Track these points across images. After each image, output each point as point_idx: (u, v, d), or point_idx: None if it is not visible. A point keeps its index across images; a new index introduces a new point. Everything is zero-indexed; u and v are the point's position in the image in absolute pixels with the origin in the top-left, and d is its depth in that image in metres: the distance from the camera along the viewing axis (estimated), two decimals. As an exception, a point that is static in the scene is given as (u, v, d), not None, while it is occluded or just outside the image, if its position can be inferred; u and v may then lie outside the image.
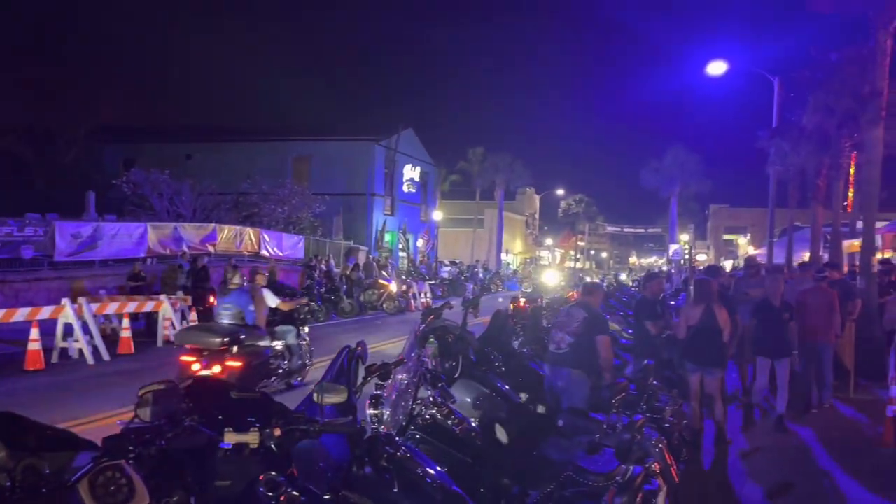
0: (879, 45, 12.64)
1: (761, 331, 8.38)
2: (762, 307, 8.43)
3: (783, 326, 8.24)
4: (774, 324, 8.22)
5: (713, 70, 22.57)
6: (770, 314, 8.27)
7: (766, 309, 8.35)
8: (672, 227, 48.65)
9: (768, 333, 8.28)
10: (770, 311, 8.28)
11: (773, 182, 24.11)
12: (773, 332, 8.22)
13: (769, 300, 8.37)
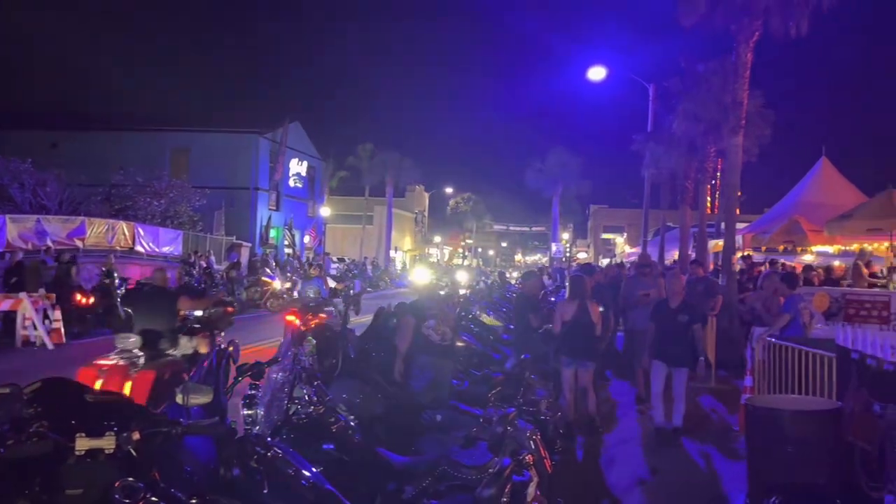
0: (741, 58, 13.59)
1: (658, 334, 7.70)
2: (659, 309, 7.87)
3: (683, 330, 7.50)
4: (672, 327, 7.54)
5: (594, 75, 23.56)
6: (667, 316, 7.66)
7: (663, 311, 7.77)
8: (554, 226, 50.30)
9: (666, 337, 7.61)
10: (667, 314, 7.68)
11: (648, 184, 25.41)
12: (671, 336, 7.54)
13: (667, 301, 7.83)
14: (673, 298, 7.72)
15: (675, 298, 7.69)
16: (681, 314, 7.50)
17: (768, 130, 17.95)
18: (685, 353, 7.46)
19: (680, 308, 7.58)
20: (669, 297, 7.81)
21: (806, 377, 6.63)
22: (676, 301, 7.65)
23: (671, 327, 7.51)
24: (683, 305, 7.63)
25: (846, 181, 20.15)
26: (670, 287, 7.91)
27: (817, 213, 16.88)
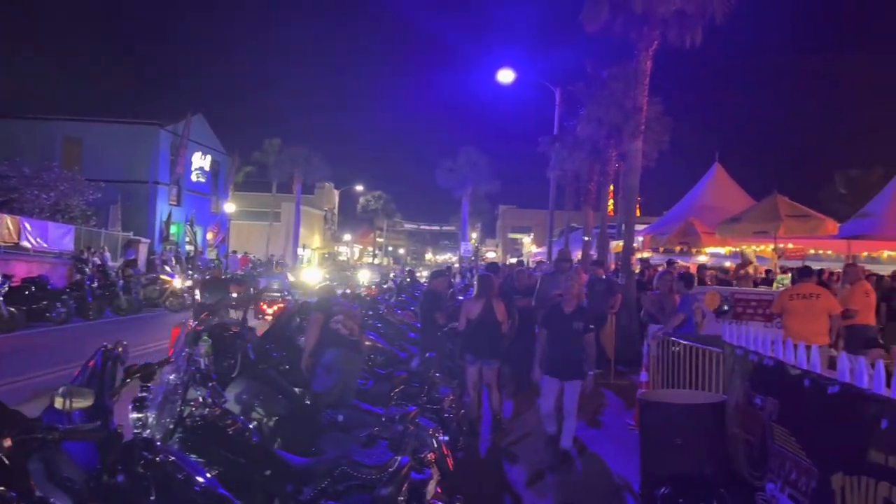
0: (641, 65, 14.13)
1: (549, 344, 6.93)
2: (552, 314, 7.05)
3: (577, 339, 6.79)
4: (566, 335, 6.78)
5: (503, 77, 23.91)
6: (561, 323, 6.85)
7: (557, 317, 6.93)
8: (464, 225, 50.81)
9: (558, 347, 6.82)
10: (561, 320, 6.87)
11: (554, 185, 26.06)
12: (563, 345, 6.79)
13: (560, 306, 6.99)
14: (567, 303, 6.87)
15: (570, 303, 6.87)
16: (575, 321, 6.75)
17: (666, 136, 18.76)
18: (578, 365, 6.74)
19: (575, 314, 6.82)
20: (563, 301, 6.93)
21: (697, 372, 6.95)
22: (571, 306, 6.85)
23: (564, 335, 6.75)
24: (579, 311, 6.87)
25: (737, 186, 21.31)
26: (565, 290, 6.97)
27: (710, 217, 17.76)
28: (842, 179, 41.51)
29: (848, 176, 41.23)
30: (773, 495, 4.62)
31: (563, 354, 6.79)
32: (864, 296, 9.85)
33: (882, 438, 3.50)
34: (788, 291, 9.06)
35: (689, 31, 13.93)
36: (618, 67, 17.36)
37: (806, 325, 8.33)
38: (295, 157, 45.91)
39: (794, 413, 4.50)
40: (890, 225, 15.32)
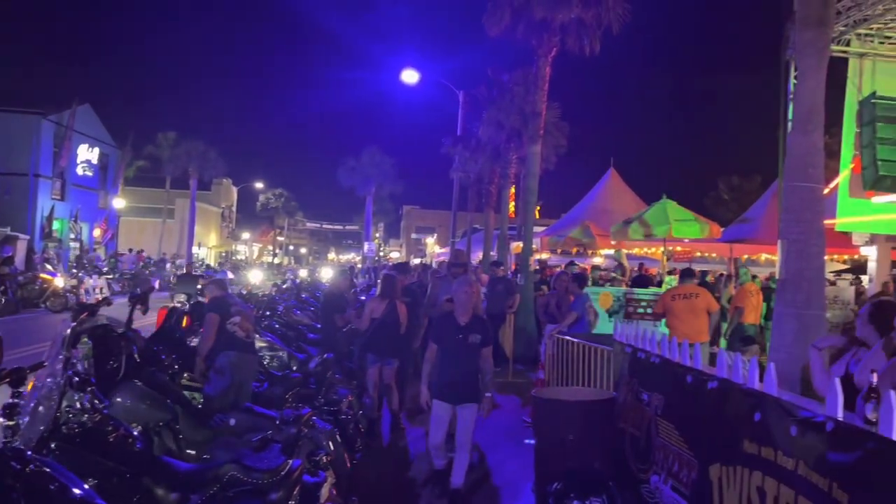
0: (541, 71, 14.50)
1: (441, 362, 5.79)
2: (443, 326, 5.86)
3: (473, 355, 5.70)
4: (460, 351, 5.67)
5: (407, 78, 23.93)
6: (454, 337, 5.71)
7: (450, 329, 5.76)
8: (367, 225, 50.55)
9: (451, 366, 5.70)
10: (454, 333, 5.72)
11: (457, 187, 26.31)
12: (457, 363, 5.68)
13: (452, 316, 5.82)
14: (462, 313, 5.74)
15: (464, 314, 5.74)
16: (472, 333, 5.67)
17: (564, 141, 19.32)
18: (474, 386, 5.70)
19: (471, 326, 5.72)
20: (457, 310, 5.78)
21: (589, 370, 7.18)
22: (466, 316, 5.74)
23: (458, 351, 5.66)
24: (475, 322, 5.78)
25: (630, 190, 22.21)
26: (458, 298, 5.78)
27: (605, 219, 18.42)
28: (725, 186, 44.03)
29: (730, 183, 43.78)
30: (657, 487, 4.82)
31: (456, 374, 5.65)
32: (750, 296, 10.48)
33: (755, 430, 3.71)
34: (671, 292, 9.50)
35: (587, 39, 14.41)
36: (519, 72, 17.74)
37: (687, 324, 8.78)
38: (191, 152, 44.23)
39: (678, 408, 4.71)
40: (767, 230, 16.36)
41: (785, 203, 5.30)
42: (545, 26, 14.10)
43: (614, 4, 14.14)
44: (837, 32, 11.10)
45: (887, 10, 10.63)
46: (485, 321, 6.05)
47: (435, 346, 5.85)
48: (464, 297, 5.74)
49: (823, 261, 5.35)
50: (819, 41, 5.18)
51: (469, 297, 5.75)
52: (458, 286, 5.81)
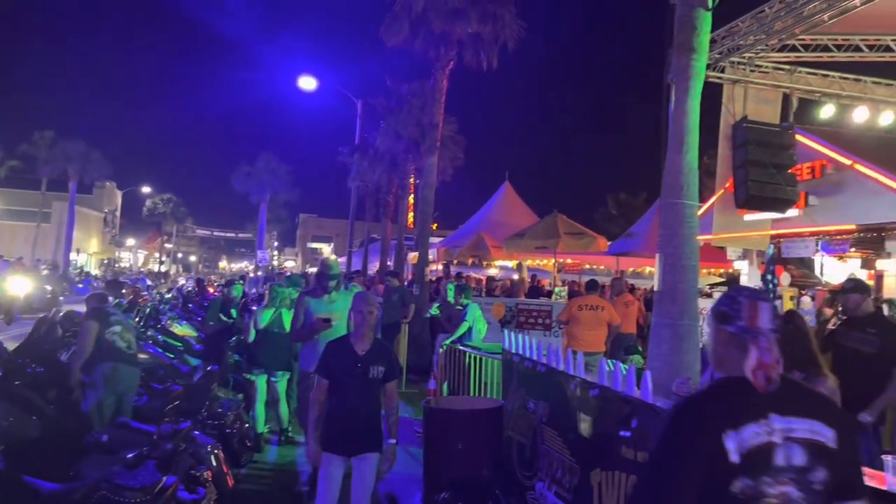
0: (438, 83, 14.66)
1: (331, 405, 4.47)
2: (337, 355, 4.49)
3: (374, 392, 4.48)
4: (358, 388, 4.43)
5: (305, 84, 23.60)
6: (351, 369, 4.41)
7: (345, 359, 4.45)
8: (261, 233, 49.24)
9: (344, 411, 4.42)
10: (351, 364, 4.42)
11: (354, 196, 26.12)
12: (354, 401, 4.42)
13: (347, 343, 4.51)
14: (359, 340, 4.49)
15: (363, 339, 4.50)
16: (374, 364, 4.44)
17: (461, 154, 19.59)
18: (376, 431, 4.50)
19: (371, 354, 4.46)
20: (353, 335, 4.54)
21: (480, 379, 7.28)
22: (365, 343, 4.49)
23: (357, 388, 4.42)
24: (377, 350, 4.52)
25: (523, 203, 22.80)
26: (355, 320, 4.53)
27: (499, 231, 18.82)
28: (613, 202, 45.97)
29: (618, 199, 45.75)
30: (542, 493, 4.94)
31: (353, 418, 4.41)
32: (625, 307, 10.94)
33: (632, 436, 3.87)
34: (577, 302, 9.78)
35: (485, 54, 14.70)
36: (417, 83, 17.88)
37: (589, 333, 9.12)
38: (70, 153, 41.75)
39: (562, 415, 4.85)
40: (652, 244, 17.19)
41: (662, 219, 5.58)
42: (443, 40, 14.29)
43: (510, 21, 14.51)
44: (713, 59, 11.85)
45: (757, 40, 11.45)
46: (388, 348, 4.72)
47: (325, 381, 4.44)
48: (361, 318, 4.47)
49: (697, 274, 5.67)
50: (692, 67, 5.51)
51: (367, 318, 4.46)
52: (356, 305, 4.53)
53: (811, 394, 2.12)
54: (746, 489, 1.87)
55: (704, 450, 1.89)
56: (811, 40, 11.84)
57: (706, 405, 2.01)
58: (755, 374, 1.95)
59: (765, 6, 10.85)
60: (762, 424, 1.91)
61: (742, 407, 1.93)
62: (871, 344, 5.26)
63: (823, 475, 1.92)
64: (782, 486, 1.89)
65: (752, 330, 2.03)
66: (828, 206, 13.16)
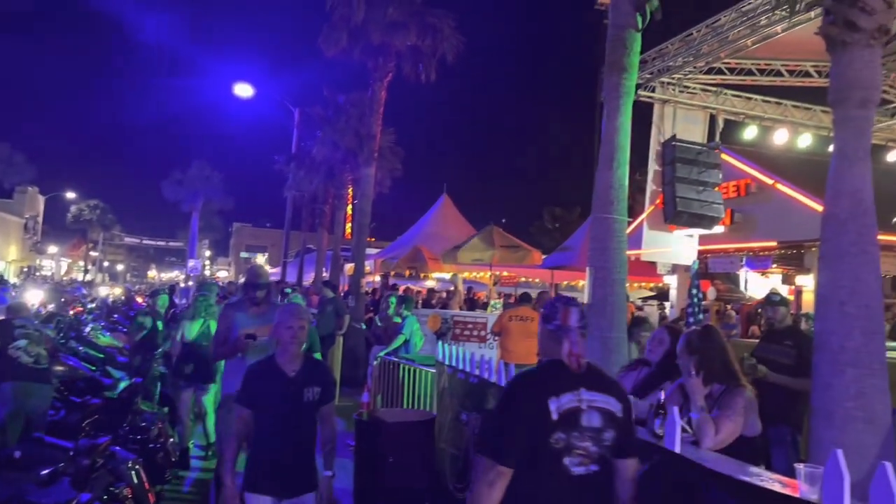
0: (376, 94, 14.65)
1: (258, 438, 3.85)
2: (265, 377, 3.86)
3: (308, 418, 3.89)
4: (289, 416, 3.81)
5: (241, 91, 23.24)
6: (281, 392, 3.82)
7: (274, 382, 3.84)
8: (192, 242, 48.04)
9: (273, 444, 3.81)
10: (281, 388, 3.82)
11: (290, 205, 25.76)
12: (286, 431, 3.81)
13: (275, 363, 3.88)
14: (288, 359, 3.87)
15: (293, 358, 3.88)
16: (308, 387, 3.85)
17: (399, 165, 19.56)
18: (309, 466, 3.91)
19: (304, 375, 3.87)
20: (280, 355, 3.88)
21: (413, 391, 7.25)
22: (296, 363, 3.89)
23: (288, 416, 3.81)
24: (310, 369, 3.94)
25: (461, 216, 22.93)
26: (282, 336, 3.88)
27: (436, 244, 18.84)
28: (549, 216, 46.71)
29: (554, 213, 46.52)
30: (473, 505, 4.93)
31: (283, 451, 3.80)
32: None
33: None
34: (508, 313, 9.86)
35: (423, 67, 14.77)
36: (355, 94, 17.80)
37: (520, 345, 9.17)
38: (-10, 155, 39.89)
39: (493, 426, 4.86)
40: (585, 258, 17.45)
41: (592, 233, 5.70)
42: (382, 51, 14.29)
43: (449, 35, 14.63)
44: (644, 80, 12.22)
45: (685, 62, 11.87)
46: (323, 366, 4.35)
47: (247, 411, 3.78)
48: (290, 335, 3.85)
49: (626, 288, 5.81)
50: (623, 86, 5.67)
51: (297, 335, 3.86)
52: (282, 318, 3.90)
53: (606, 376, 2.85)
54: (561, 441, 2.53)
55: (534, 409, 2.55)
56: (736, 64, 12.35)
57: (537, 378, 2.76)
58: (569, 359, 2.66)
59: (692, 30, 11.27)
60: (575, 394, 2.59)
61: (561, 381, 2.62)
62: (788, 356, 5.47)
63: (612, 435, 2.63)
64: (585, 442, 2.57)
65: (565, 327, 2.73)
66: (751, 223, 13.69)
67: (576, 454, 2.56)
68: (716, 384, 3.47)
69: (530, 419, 2.55)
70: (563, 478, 2.56)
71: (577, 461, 2.57)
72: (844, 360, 3.64)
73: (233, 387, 4.72)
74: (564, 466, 2.55)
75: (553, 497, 2.58)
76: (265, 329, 5.06)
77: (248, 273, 5.70)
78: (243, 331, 5.17)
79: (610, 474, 2.68)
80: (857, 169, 3.80)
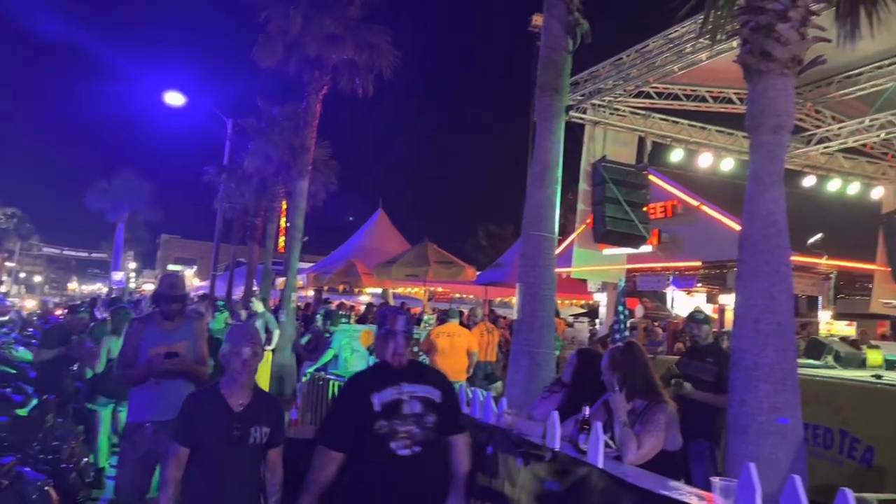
0: (311, 107, 14.53)
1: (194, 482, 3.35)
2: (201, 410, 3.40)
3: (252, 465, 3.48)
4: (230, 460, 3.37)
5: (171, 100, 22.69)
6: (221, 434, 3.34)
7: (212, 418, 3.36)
8: (117, 253, 46.35)
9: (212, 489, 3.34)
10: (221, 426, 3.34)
11: (220, 217, 25.18)
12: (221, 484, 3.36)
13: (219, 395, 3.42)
14: (236, 391, 3.40)
15: (241, 391, 3.41)
16: (256, 426, 3.38)
17: (335, 179, 19.39)
18: None
19: (252, 411, 3.40)
20: (226, 385, 3.42)
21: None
22: (243, 396, 3.42)
23: (230, 458, 3.35)
24: (261, 404, 3.47)
25: (396, 231, 22.91)
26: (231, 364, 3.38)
27: (371, 258, 18.75)
28: (483, 232, 47.10)
29: (488, 230, 46.93)
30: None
31: (223, 499, 3.36)
32: (483, 335, 11.11)
33: (487, 463, 3.91)
34: (436, 330, 9.84)
35: (360, 81, 14.74)
36: (290, 106, 17.59)
37: (448, 362, 9.14)
38: None
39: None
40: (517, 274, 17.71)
41: (522, 250, 5.77)
42: (318, 64, 14.19)
43: (387, 50, 14.64)
44: (576, 101, 12.52)
45: (616, 85, 12.22)
46: (275, 402, 3.70)
47: (184, 450, 3.30)
48: (240, 362, 3.33)
49: (555, 304, 5.88)
50: (554, 106, 5.79)
51: (249, 362, 3.36)
52: (234, 341, 3.38)
53: (427, 370, 3.56)
54: (384, 427, 3.03)
55: (360, 404, 3.08)
56: (664, 89, 12.80)
57: (364, 378, 3.35)
58: (392, 358, 3.20)
59: (622, 54, 11.63)
60: (396, 388, 3.11)
61: (385, 378, 3.15)
62: (709, 372, 5.64)
63: (433, 418, 3.16)
64: (408, 426, 3.09)
65: (392, 331, 3.23)
66: (678, 243, 14.13)
67: (399, 438, 3.06)
68: (638, 399, 3.54)
69: (356, 412, 3.07)
70: (390, 459, 3.04)
71: (401, 444, 3.07)
72: (758, 375, 3.77)
73: (141, 414, 4.43)
74: (390, 449, 3.04)
75: (381, 475, 3.04)
76: (180, 346, 4.57)
77: (161, 282, 4.83)
78: (155, 350, 4.46)
79: (437, 453, 3.21)
80: (771, 193, 3.96)
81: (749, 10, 4.16)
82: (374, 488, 3.08)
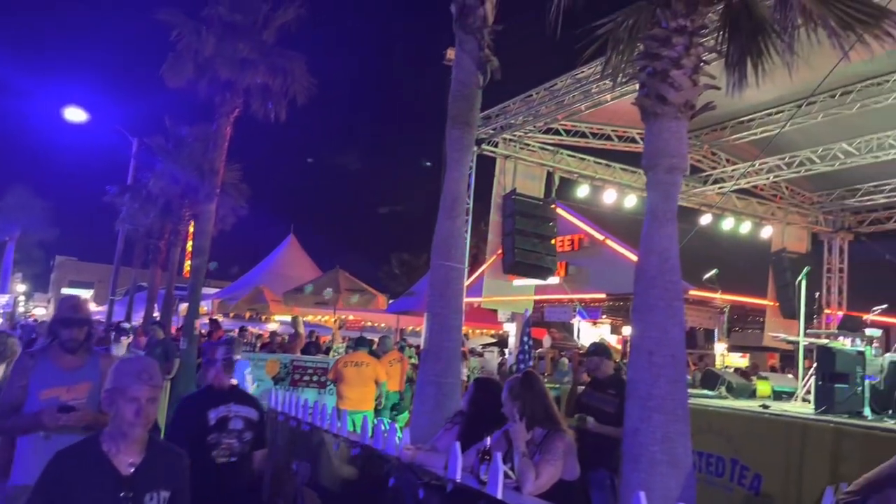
0: (221, 129, 14.21)
1: None
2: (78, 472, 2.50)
3: None
4: None
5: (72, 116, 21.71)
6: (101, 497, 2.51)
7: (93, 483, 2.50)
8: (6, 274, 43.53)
9: None
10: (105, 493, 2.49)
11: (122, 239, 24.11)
12: None
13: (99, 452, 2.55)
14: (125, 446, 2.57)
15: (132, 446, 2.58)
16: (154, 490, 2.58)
17: (245, 203, 18.98)
18: None
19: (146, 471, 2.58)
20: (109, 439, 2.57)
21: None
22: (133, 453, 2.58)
23: None
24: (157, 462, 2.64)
25: (308, 257, 22.61)
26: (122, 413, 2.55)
27: (280, 285, 18.39)
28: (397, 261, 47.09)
29: (401, 258, 46.96)
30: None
31: None
32: (391, 364, 11.05)
33: (388, 495, 3.87)
34: (343, 359, 9.71)
35: (273, 105, 14.54)
36: (199, 127, 17.17)
37: (355, 391, 9.02)
38: None
39: (324, 476, 4.74)
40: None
41: (430, 279, 5.79)
42: (229, 87, 13.92)
43: (301, 77, 14.52)
44: (488, 135, 12.80)
45: (526, 121, 12.57)
46: (177, 456, 2.79)
47: None
48: (134, 409, 2.53)
49: (461, 334, 5.92)
50: (464, 139, 5.88)
51: (145, 409, 2.55)
52: (122, 383, 2.56)
53: (247, 394, 4.47)
54: (213, 438, 3.83)
55: (198, 419, 3.85)
56: (571, 126, 13.27)
57: (200, 397, 4.18)
58: (214, 381, 4.06)
59: (532, 91, 12.00)
60: (226, 407, 3.94)
61: (218, 398, 3.98)
62: (611, 404, 5.77)
63: (250, 435, 3.99)
64: (230, 439, 3.89)
65: (213, 360, 4.08)
66: (584, 275, 14.58)
67: (221, 449, 3.83)
68: (538, 428, 3.60)
69: (195, 424, 3.83)
70: (212, 466, 3.76)
71: (222, 454, 3.83)
72: (652, 406, 3.91)
73: (29, 476, 3.12)
74: (212, 458, 3.79)
75: (204, 480, 3.33)
76: (82, 389, 3.66)
77: (61, 305, 4.00)
78: (48, 392, 3.57)
79: (246, 464, 3.98)
80: (665, 230, 4.15)
81: (646, 56, 4.39)
82: (195, 491, 3.13)
